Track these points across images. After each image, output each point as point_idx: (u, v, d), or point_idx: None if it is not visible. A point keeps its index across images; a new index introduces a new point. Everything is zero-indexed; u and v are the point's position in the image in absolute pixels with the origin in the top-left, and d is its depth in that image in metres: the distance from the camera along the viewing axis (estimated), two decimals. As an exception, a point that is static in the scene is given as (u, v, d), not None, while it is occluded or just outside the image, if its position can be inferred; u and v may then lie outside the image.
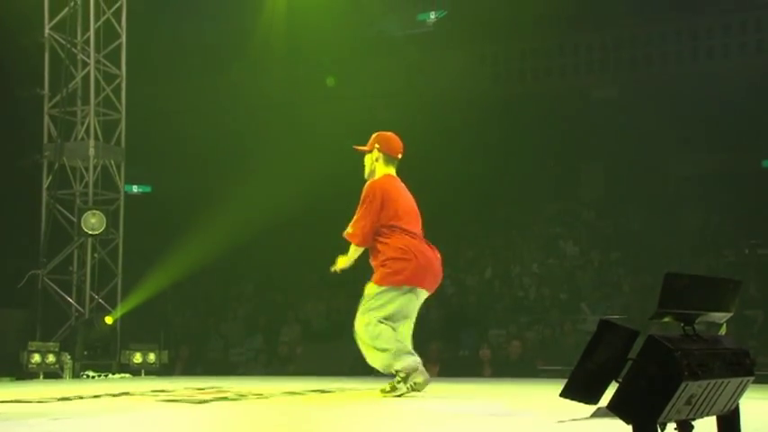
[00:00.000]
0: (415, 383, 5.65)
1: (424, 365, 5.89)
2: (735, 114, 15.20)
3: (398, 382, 5.68)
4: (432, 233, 6.14)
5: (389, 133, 6.22)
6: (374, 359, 5.83)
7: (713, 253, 13.73)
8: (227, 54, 18.06)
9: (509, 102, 17.34)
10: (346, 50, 16.97)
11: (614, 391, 1.68)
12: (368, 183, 6.07)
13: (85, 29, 11.83)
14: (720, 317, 1.93)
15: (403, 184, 6.15)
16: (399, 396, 5.60)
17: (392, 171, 6.14)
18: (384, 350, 5.76)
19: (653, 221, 14.89)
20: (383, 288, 5.84)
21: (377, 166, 6.10)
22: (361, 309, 5.91)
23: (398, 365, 5.68)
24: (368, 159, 6.14)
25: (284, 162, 14.87)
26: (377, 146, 6.11)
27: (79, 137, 11.76)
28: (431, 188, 6.29)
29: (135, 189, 16.51)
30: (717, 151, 16.05)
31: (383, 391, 5.73)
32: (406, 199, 6.07)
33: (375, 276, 5.90)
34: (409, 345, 5.91)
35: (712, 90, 15.32)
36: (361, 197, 6.00)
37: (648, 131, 16.04)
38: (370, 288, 5.89)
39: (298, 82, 18.09)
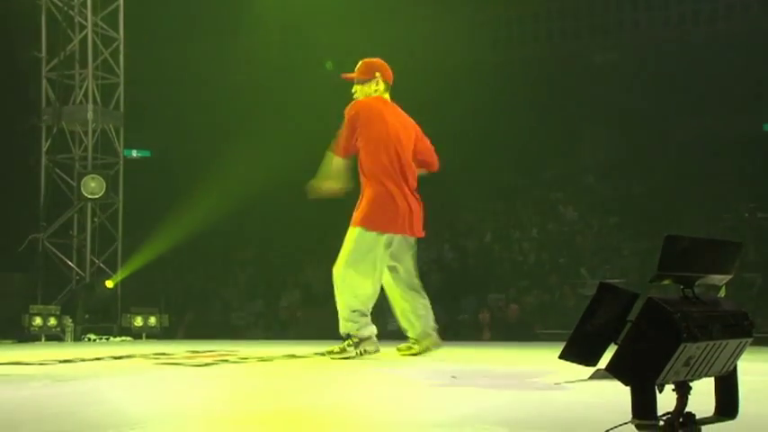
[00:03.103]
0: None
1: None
2: (736, 78, 15.13)
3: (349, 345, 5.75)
4: (431, 198, 6.13)
5: (380, 60, 6.03)
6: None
7: (713, 217, 13.73)
8: (228, 17, 17.92)
9: (509, 66, 17.25)
10: (341, 15, 16.83)
11: (613, 352, 1.69)
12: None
13: (82, -9, 11.75)
14: (720, 279, 1.93)
15: (397, 107, 5.97)
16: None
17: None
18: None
19: (653, 186, 14.88)
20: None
21: (382, 95, 5.92)
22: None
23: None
24: (366, 89, 5.90)
25: (285, 126, 14.83)
26: (378, 74, 5.92)
27: (77, 101, 11.72)
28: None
29: (134, 154, 16.47)
30: (717, 115, 16.00)
31: (331, 352, 5.80)
32: (387, 122, 5.83)
33: None
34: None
35: (714, 53, 15.24)
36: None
37: (649, 95, 15.97)
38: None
39: (297, 46, 17.98)
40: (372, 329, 5.80)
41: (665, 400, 1.72)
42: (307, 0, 16.54)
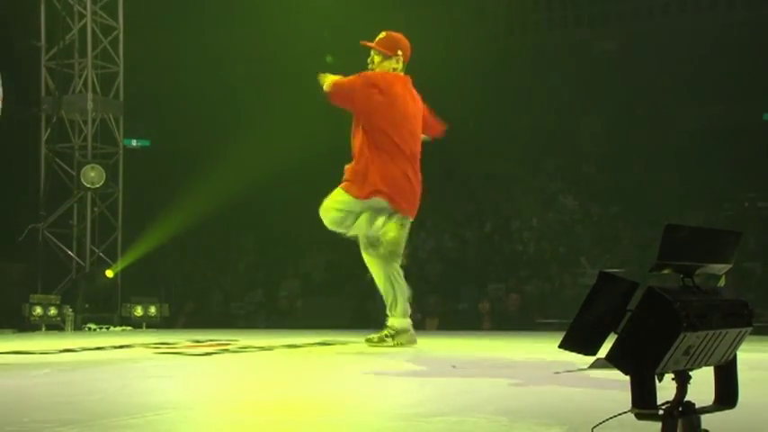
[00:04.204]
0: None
1: (424, 319, 5.96)
2: (735, 67, 15.10)
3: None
4: (431, 188, 6.13)
5: (403, 35, 6.00)
6: None
7: (713, 206, 13.73)
8: (229, 6, 17.89)
9: (509, 55, 17.21)
10: (342, 6, 16.79)
11: (613, 342, 1.69)
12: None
13: (81, -21, 11.71)
14: (720, 269, 1.93)
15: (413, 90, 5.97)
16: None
17: None
18: None
19: (652, 175, 14.86)
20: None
21: (399, 74, 5.91)
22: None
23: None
24: (385, 64, 5.85)
25: (284, 116, 14.80)
26: (400, 52, 5.89)
27: (77, 90, 11.69)
28: (429, 143, 6.26)
29: (134, 143, 16.46)
30: (717, 104, 15.97)
31: (370, 341, 5.80)
32: (403, 103, 5.82)
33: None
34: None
35: (714, 42, 15.21)
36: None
37: (649, 84, 15.95)
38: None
39: (296, 36, 17.94)
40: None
41: (665, 389, 1.72)
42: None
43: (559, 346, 1.76)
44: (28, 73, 12.04)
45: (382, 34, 5.91)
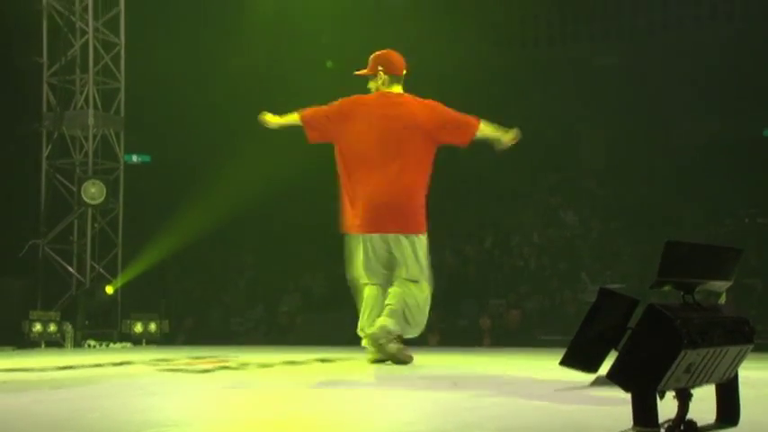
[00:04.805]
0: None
1: (424, 335, 5.96)
2: (736, 82, 15.13)
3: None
4: (432, 203, 6.15)
5: (388, 51, 6.03)
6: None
7: (713, 222, 13.72)
8: (230, 22, 17.94)
9: (509, 69, 17.24)
10: (342, 20, 16.83)
11: (614, 359, 1.68)
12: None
13: (83, -4, 11.76)
14: (720, 285, 1.93)
15: (392, 106, 6.00)
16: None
17: (399, 90, 6.02)
18: None
19: (653, 190, 14.86)
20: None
21: (382, 89, 5.94)
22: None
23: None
24: (372, 84, 5.95)
25: (285, 132, 14.80)
26: (380, 68, 5.93)
27: (78, 106, 11.72)
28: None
29: (135, 159, 16.46)
30: (718, 120, 15.99)
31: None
32: (366, 124, 5.91)
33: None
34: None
35: (714, 57, 15.23)
36: None
37: (649, 99, 15.96)
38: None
39: (295, 52, 17.99)
40: None
41: (667, 407, 1.71)
42: (307, 1, 16.54)
43: (560, 363, 1.76)
44: (29, 89, 12.07)
45: (376, 57, 6.03)
